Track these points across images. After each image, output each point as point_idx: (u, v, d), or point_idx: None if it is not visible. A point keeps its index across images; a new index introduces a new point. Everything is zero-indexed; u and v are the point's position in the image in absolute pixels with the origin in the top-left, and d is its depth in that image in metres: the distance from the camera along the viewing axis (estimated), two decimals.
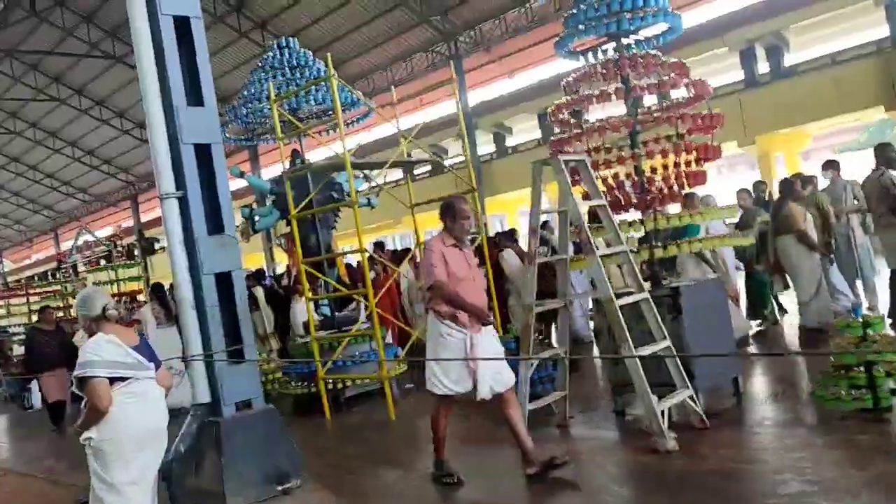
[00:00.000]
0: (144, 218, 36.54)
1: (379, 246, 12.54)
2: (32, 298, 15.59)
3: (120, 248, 12.77)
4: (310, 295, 8.19)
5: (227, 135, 9.98)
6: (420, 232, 9.34)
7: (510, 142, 26.05)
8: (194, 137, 5.46)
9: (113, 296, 12.68)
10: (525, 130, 26.25)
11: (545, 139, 24.42)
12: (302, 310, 8.69)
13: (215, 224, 5.53)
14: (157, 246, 39.18)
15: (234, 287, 5.56)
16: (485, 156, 25.06)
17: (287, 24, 23.37)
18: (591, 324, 9.59)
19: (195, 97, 5.55)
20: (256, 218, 9.18)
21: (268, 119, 9.26)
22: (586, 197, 5.58)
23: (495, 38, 22.36)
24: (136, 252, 13.78)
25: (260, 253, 29.41)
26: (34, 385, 8.73)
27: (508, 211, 26.60)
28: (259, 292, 11.80)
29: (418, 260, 9.53)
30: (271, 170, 26.56)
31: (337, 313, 9.01)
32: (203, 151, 5.53)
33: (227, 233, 5.54)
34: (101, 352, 3.88)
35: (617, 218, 5.76)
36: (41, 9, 25.00)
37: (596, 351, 8.99)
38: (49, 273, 30.74)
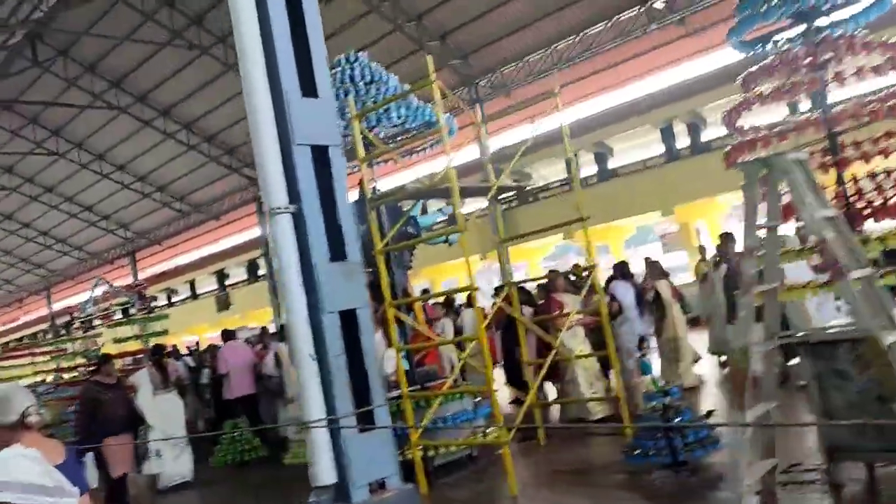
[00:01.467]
0: (142, 275, 35.01)
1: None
2: (40, 358, 14.14)
3: (144, 300, 11.42)
4: (398, 345, 6.87)
5: None
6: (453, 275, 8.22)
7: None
8: (310, 137, 4.27)
9: (136, 353, 11.27)
10: (547, 177, 25.35)
11: (570, 185, 23.54)
12: (390, 357, 7.34)
13: (336, 248, 4.29)
14: (153, 304, 37.65)
15: (361, 329, 4.28)
16: (505, 204, 24.10)
17: None
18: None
19: (308, 86, 4.38)
20: None
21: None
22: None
23: (517, 81, 21.67)
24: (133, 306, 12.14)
25: (267, 307, 27.86)
26: (89, 457, 7.11)
27: (531, 260, 25.53)
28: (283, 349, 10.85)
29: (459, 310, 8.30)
30: None
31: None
32: (320, 155, 4.33)
33: (350, 259, 4.30)
34: (14, 470, 2.74)
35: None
36: (43, 59, 24.07)
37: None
38: (41, 333, 29.01)
